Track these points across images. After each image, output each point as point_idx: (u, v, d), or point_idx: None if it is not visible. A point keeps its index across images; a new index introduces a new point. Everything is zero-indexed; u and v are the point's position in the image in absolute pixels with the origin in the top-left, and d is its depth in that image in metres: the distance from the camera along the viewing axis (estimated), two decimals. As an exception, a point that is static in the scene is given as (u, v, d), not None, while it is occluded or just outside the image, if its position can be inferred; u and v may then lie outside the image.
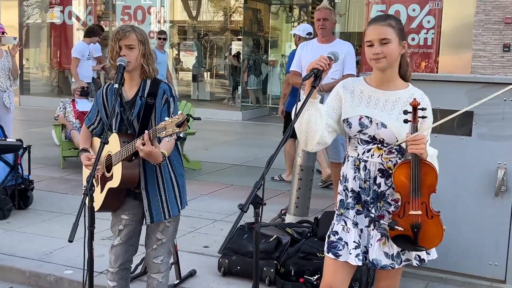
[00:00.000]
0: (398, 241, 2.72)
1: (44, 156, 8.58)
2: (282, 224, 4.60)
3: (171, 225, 3.38)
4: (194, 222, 5.66)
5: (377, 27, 2.71)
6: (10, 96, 7.45)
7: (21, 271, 4.51)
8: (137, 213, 3.36)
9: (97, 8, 16.46)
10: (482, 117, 4.13)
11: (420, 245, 2.69)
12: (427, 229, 2.68)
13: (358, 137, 2.78)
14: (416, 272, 4.35)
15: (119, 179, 3.16)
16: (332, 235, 2.85)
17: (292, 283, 4.06)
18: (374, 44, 2.70)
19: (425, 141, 2.61)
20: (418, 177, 2.64)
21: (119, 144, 3.16)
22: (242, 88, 15.72)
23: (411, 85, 2.82)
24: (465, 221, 4.24)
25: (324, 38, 5.83)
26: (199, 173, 7.97)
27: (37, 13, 17.36)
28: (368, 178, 2.76)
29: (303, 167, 5.55)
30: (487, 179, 4.14)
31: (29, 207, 6.05)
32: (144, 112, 3.21)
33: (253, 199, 2.57)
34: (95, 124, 3.43)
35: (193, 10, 17.95)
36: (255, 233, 2.62)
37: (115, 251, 3.41)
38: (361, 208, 2.80)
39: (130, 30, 3.17)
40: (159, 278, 3.38)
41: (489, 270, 4.20)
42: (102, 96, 3.35)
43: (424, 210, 2.67)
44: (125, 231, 3.37)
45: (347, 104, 2.81)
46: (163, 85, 3.27)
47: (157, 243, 3.35)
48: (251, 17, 16.94)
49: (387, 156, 2.74)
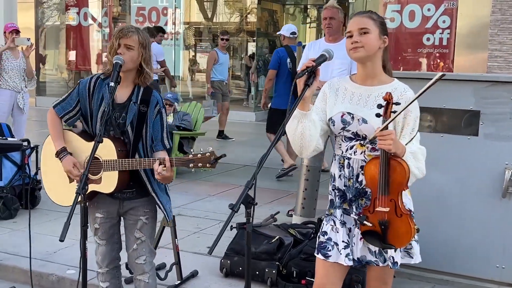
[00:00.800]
0: (367, 237, 2.65)
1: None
2: (285, 225, 4.54)
3: (149, 221, 3.30)
4: (199, 222, 5.63)
5: (357, 18, 2.72)
6: (24, 97, 7.49)
7: (24, 270, 4.49)
8: (112, 211, 3.31)
9: (112, 9, 16.54)
10: (489, 117, 4.05)
11: (389, 242, 2.60)
12: (395, 227, 2.58)
13: (342, 134, 2.75)
14: (422, 275, 4.27)
15: (113, 187, 3.11)
16: (321, 236, 2.80)
17: (294, 284, 4.01)
18: (353, 34, 2.68)
19: (393, 136, 2.50)
20: (386, 173, 2.55)
21: (115, 153, 3.08)
22: (255, 89, 15.69)
23: (396, 79, 2.76)
24: (471, 223, 4.16)
25: (331, 37, 5.77)
26: (209, 173, 7.92)
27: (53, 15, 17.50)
28: (352, 176, 2.72)
29: (310, 168, 5.49)
30: (494, 180, 4.06)
31: (37, 206, 6.05)
32: (138, 120, 3.17)
33: (244, 199, 2.54)
34: (71, 113, 3.22)
35: (208, 11, 17.97)
36: (246, 233, 2.59)
37: (100, 251, 3.37)
38: (348, 207, 2.75)
39: (133, 31, 3.12)
40: (145, 279, 3.32)
41: (496, 273, 4.11)
42: (88, 88, 3.23)
43: (393, 208, 2.57)
44: (102, 229, 3.32)
45: (331, 103, 2.78)
46: (155, 94, 3.24)
47: (136, 243, 3.29)
48: (267, 18, 16.91)
49: (370, 153, 2.70)
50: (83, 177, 2.87)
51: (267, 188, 6.95)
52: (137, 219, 3.28)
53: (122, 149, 3.12)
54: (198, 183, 7.33)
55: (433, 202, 4.19)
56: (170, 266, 4.18)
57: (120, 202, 3.27)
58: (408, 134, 2.65)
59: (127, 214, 3.30)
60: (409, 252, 2.74)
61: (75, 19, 16.27)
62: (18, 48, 7.41)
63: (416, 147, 2.66)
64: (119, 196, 3.25)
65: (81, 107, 3.24)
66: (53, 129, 3.24)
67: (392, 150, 2.51)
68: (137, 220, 3.28)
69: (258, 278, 4.14)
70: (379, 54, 2.72)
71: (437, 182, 4.14)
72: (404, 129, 2.66)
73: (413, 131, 2.67)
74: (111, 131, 3.18)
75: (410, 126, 2.66)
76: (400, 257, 2.72)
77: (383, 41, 2.70)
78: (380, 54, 2.72)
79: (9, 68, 7.30)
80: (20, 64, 7.35)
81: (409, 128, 2.66)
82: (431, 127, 4.25)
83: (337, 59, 5.86)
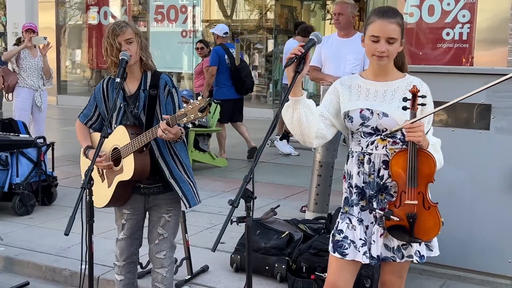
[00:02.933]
0: (393, 232, 2.65)
1: (74, 154, 8.70)
2: (295, 220, 4.54)
3: (172, 219, 3.37)
4: (213, 218, 5.65)
5: (386, 24, 2.65)
6: (42, 95, 7.60)
7: (38, 265, 4.57)
8: (138, 207, 3.37)
9: (132, 8, 16.65)
10: (501, 110, 4.00)
11: (416, 236, 2.61)
12: (423, 220, 2.60)
13: (361, 130, 2.74)
14: (434, 270, 4.24)
15: (131, 171, 3.17)
16: (337, 234, 2.79)
17: (303, 279, 4.00)
18: (381, 41, 2.64)
19: (423, 128, 2.53)
20: (415, 166, 2.57)
21: (128, 136, 3.16)
22: (273, 85, 15.69)
23: (408, 74, 2.78)
24: (483, 218, 4.11)
25: (343, 32, 5.75)
26: (225, 170, 7.97)
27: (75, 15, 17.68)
28: (373, 171, 2.71)
29: (322, 163, 5.48)
30: (505, 175, 4.02)
31: (53, 203, 6.14)
32: (149, 104, 3.22)
33: (243, 194, 2.55)
34: (93, 119, 3.43)
35: (228, 9, 18.00)
36: (246, 227, 2.61)
37: (119, 245, 3.45)
38: (366, 204, 2.74)
39: (125, 25, 3.19)
40: (163, 273, 3.39)
41: (509, 268, 4.07)
42: (102, 91, 3.36)
43: (421, 200, 2.60)
44: (128, 225, 3.40)
45: (346, 99, 2.78)
46: (164, 76, 3.30)
47: (158, 238, 3.36)
48: (286, 15, 16.89)
49: (391, 147, 2.70)
50: (88, 172, 2.92)
51: (281, 184, 6.95)
52: (160, 216, 3.35)
53: (134, 132, 3.19)
54: (213, 179, 7.36)
55: (444, 196, 4.11)
56: (181, 261, 4.21)
57: (146, 197, 3.34)
58: (424, 126, 2.65)
59: (152, 210, 3.38)
60: (428, 245, 2.75)
61: (96, 18, 16.42)
62: (36, 47, 7.51)
63: (435, 139, 2.71)
64: (145, 192, 3.31)
65: (100, 110, 3.38)
66: (79, 135, 3.48)
67: (421, 143, 2.54)
68: (160, 217, 3.35)
69: (268, 273, 4.15)
70: None
71: (449, 177, 4.09)
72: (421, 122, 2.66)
73: (428, 123, 2.70)
74: (125, 121, 3.26)
75: (427, 119, 2.68)
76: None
77: (401, 44, 2.70)
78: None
79: (27, 66, 7.41)
80: (38, 63, 7.45)
81: (426, 120, 2.67)
82: (442, 121, 4.21)
83: (349, 54, 5.84)
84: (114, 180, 3.29)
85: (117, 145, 3.24)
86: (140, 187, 3.32)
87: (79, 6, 17.26)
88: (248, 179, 2.50)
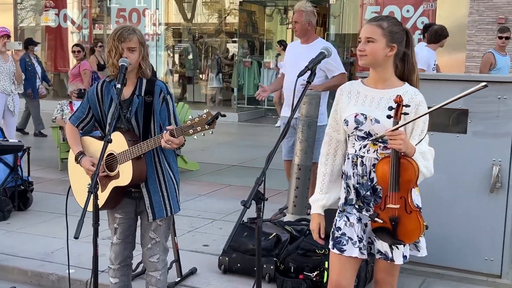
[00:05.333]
0: (378, 233, 2.78)
1: (42, 158, 8.61)
2: (281, 222, 4.65)
3: (163, 223, 3.40)
4: (193, 221, 5.71)
5: (368, 25, 2.83)
6: (14, 100, 7.53)
7: (23, 270, 4.56)
8: (130, 211, 3.41)
9: (92, 11, 16.50)
10: (477, 115, 4.20)
11: (399, 238, 2.74)
12: (405, 223, 2.72)
13: (355, 133, 2.88)
14: (414, 268, 4.41)
15: (129, 178, 3.21)
16: (336, 231, 2.92)
17: (292, 279, 4.11)
18: (362, 41, 2.82)
19: (403, 137, 2.64)
20: (397, 172, 2.69)
21: (126, 143, 3.19)
22: (237, 90, 15.79)
23: (407, 83, 2.88)
24: (461, 218, 4.31)
25: (302, 39, 5.84)
26: (197, 174, 8.03)
27: (31, 16, 17.39)
28: (365, 173, 2.84)
29: (301, 166, 5.60)
30: (482, 176, 4.21)
31: (29, 208, 6.09)
32: (145, 110, 3.27)
33: (255, 195, 2.64)
34: (85, 121, 3.41)
35: (187, 12, 18.01)
36: (257, 227, 2.69)
37: (114, 249, 3.48)
38: (362, 204, 2.87)
39: (132, 32, 3.21)
40: (157, 276, 3.44)
41: (485, 265, 4.27)
42: (97, 93, 3.36)
43: (403, 205, 2.71)
44: (120, 229, 3.43)
45: (344, 105, 2.92)
46: (160, 83, 3.34)
47: (151, 242, 3.40)
48: (246, 19, 17.00)
49: (382, 152, 2.82)
50: (94, 176, 2.96)
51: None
52: (151, 221, 3.37)
53: (131, 139, 3.22)
54: (187, 183, 7.39)
55: (425, 197, 4.25)
56: (170, 263, 4.26)
57: (137, 201, 3.38)
58: (417, 135, 2.79)
59: (143, 214, 3.41)
60: (416, 245, 2.88)
61: (55, 20, 16.20)
62: (8, 52, 7.43)
63: (425, 148, 2.81)
64: (136, 196, 3.35)
65: (94, 113, 3.39)
66: (70, 138, 3.44)
67: (403, 150, 2.65)
68: (151, 222, 3.37)
69: (257, 274, 4.24)
70: (390, 60, 2.83)
71: (428, 178, 4.25)
72: (414, 131, 2.80)
73: (422, 133, 2.81)
74: (122, 127, 3.29)
75: (420, 128, 2.80)
76: (409, 250, 2.86)
77: (390, 49, 2.80)
78: (391, 60, 2.84)
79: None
80: (10, 68, 7.37)
81: (419, 129, 2.80)
82: (421, 126, 4.38)
83: (304, 61, 5.87)
84: (109, 185, 3.32)
85: (113, 151, 3.25)
86: (131, 191, 3.35)
87: (36, 8, 17.00)
88: (260, 182, 2.59)
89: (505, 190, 4.17)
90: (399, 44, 2.83)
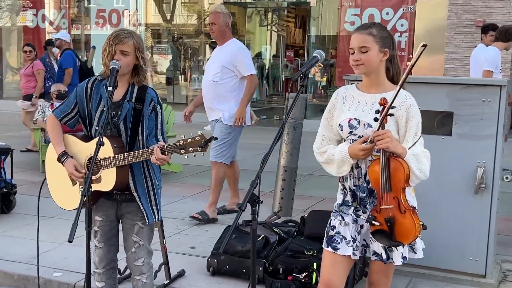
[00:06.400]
0: (377, 236, 2.82)
1: (23, 161, 8.54)
2: (269, 224, 4.68)
3: (145, 226, 3.36)
4: (179, 224, 5.71)
5: (358, 35, 2.87)
6: None
7: (9, 274, 4.52)
8: (110, 214, 3.38)
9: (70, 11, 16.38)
10: (462, 118, 4.27)
11: (397, 239, 2.77)
12: (400, 223, 2.76)
13: (350, 138, 2.92)
14: (400, 269, 4.44)
15: (112, 185, 3.18)
16: (330, 230, 2.97)
17: (281, 281, 4.14)
18: (355, 51, 2.85)
19: (390, 134, 2.69)
20: (387, 171, 2.73)
21: (112, 149, 3.15)
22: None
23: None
24: (446, 219, 4.37)
25: (218, 41, 5.82)
26: (180, 175, 8.02)
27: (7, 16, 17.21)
28: (361, 176, 2.89)
29: (287, 168, 5.65)
30: (467, 178, 4.28)
31: (12, 211, 6.04)
32: (134, 117, 3.24)
33: (250, 198, 2.66)
34: (70, 115, 3.32)
35: (167, 13, 17.98)
36: (251, 230, 2.71)
37: (97, 253, 3.45)
38: (358, 206, 2.92)
39: (128, 36, 3.20)
40: (143, 279, 3.41)
41: (470, 266, 4.34)
42: (86, 90, 3.31)
43: (396, 205, 2.76)
44: (100, 232, 3.40)
45: (339, 109, 2.96)
46: (151, 91, 3.32)
47: (135, 246, 3.37)
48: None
49: (376, 154, 2.85)
50: (87, 179, 2.95)
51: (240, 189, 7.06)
52: (133, 223, 3.35)
53: (118, 146, 3.19)
54: (171, 185, 7.39)
55: (411, 199, 4.39)
56: (159, 266, 4.26)
57: (118, 204, 3.34)
58: (411, 138, 2.83)
59: (124, 218, 3.37)
60: (413, 247, 2.93)
61: (33, 20, 16.06)
62: None
63: (419, 150, 2.84)
64: (117, 198, 3.32)
65: (79, 109, 3.32)
66: (52, 135, 3.33)
67: (391, 149, 2.70)
68: (133, 224, 3.35)
69: (245, 276, 4.26)
70: (382, 65, 2.88)
71: (414, 180, 4.33)
72: (407, 134, 2.84)
73: (416, 135, 2.85)
74: (109, 130, 3.23)
75: (413, 131, 2.84)
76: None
77: (384, 54, 2.85)
78: (383, 65, 2.89)
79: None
80: None
81: (412, 132, 2.84)
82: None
83: (215, 63, 5.85)
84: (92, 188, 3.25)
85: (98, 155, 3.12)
86: (112, 194, 3.31)
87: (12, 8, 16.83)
88: (255, 184, 2.61)
89: (489, 192, 4.24)
90: (390, 48, 2.88)
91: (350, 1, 13.23)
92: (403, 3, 12.67)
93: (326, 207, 5.02)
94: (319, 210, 4.64)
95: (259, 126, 13.21)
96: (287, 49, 18.56)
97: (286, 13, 18.45)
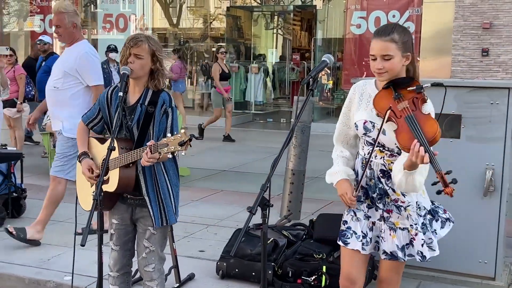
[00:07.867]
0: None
1: (31, 165, 8.58)
2: (278, 227, 4.70)
3: (157, 232, 3.37)
4: (187, 227, 5.73)
5: (380, 42, 2.81)
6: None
7: (20, 278, 4.55)
8: (125, 217, 3.40)
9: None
10: (470, 120, 4.28)
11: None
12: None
13: (364, 138, 2.96)
14: (409, 271, 4.46)
15: (115, 185, 3.22)
16: (342, 225, 3.03)
17: (290, 284, 4.16)
18: (377, 59, 2.82)
19: (422, 153, 2.68)
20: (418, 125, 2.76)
21: (118, 150, 3.20)
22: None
23: None
24: (455, 221, 4.35)
25: (66, 44, 5.22)
26: (188, 179, 8.04)
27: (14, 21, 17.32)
28: (373, 177, 2.92)
29: (295, 171, 5.67)
30: (475, 180, 4.29)
31: (22, 215, 6.08)
32: (144, 120, 3.27)
33: (260, 201, 2.68)
34: (95, 121, 3.44)
35: (173, 17, 18.05)
36: (262, 233, 2.73)
37: (112, 255, 3.47)
38: (370, 203, 2.98)
39: (143, 40, 3.23)
40: (153, 286, 3.41)
41: (479, 268, 4.34)
42: (106, 98, 3.40)
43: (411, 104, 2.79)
44: (116, 235, 3.42)
45: (355, 107, 2.99)
46: (164, 95, 3.32)
47: (145, 251, 3.37)
48: (232, 24, 17.07)
49: (389, 159, 2.89)
50: (98, 183, 2.98)
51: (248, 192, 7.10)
52: (145, 228, 3.36)
53: (124, 147, 3.23)
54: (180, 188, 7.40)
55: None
56: (169, 269, 4.28)
57: (133, 209, 3.37)
58: None
59: (138, 222, 3.40)
60: (430, 246, 2.96)
61: (40, 26, 16.15)
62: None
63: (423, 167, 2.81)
64: (131, 203, 3.35)
65: (103, 115, 3.43)
66: (79, 137, 3.49)
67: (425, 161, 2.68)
68: (145, 230, 3.36)
69: (255, 279, 4.28)
70: (404, 68, 2.89)
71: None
72: None
73: None
74: (123, 133, 3.31)
75: None
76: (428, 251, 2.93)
77: (406, 58, 2.84)
78: (404, 67, 2.89)
79: (-17, 77, 7.25)
80: None
81: None
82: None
83: (59, 66, 5.10)
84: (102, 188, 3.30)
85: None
86: (127, 198, 3.36)
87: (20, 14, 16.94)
88: (265, 188, 2.63)
89: (498, 194, 4.25)
90: (411, 51, 2.88)
91: (356, 4, 13.24)
92: (410, 6, 12.67)
93: (334, 210, 5.04)
94: (328, 213, 4.65)
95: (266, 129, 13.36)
96: (293, 52, 18.62)
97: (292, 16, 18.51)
